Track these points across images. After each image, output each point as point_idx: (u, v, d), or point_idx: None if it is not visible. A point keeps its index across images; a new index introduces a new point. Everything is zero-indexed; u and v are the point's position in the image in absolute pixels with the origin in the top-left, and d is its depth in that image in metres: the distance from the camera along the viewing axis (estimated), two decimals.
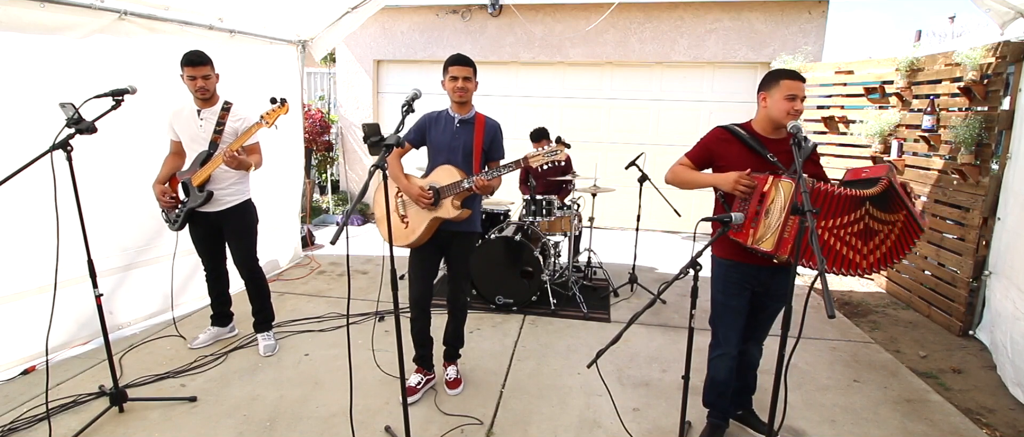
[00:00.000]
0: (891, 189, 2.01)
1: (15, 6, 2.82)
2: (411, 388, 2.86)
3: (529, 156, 2.62)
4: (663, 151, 6.90)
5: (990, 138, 3.74)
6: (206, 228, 3.21)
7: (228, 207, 3.15)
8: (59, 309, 2.67)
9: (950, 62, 4.17)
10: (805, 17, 6.28)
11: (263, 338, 3.38)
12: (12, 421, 2.54)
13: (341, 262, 5.33)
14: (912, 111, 4.65)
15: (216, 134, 3.04)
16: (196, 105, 3.07)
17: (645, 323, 3.89)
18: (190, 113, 3.08)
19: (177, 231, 3.22)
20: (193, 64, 2.93)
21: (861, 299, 4.68)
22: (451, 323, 3.00)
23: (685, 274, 1.93)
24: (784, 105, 2.14)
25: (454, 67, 2.64)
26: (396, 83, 7.61)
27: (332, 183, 8.04)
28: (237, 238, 3.24)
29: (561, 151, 2.61)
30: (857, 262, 2.09)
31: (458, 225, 2.75)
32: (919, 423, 2.76)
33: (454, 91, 2.65)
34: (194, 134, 3.08)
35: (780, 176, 2.07)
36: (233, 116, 3.08)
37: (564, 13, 6.77)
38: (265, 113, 2.96)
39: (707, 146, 2.31)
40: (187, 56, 2.94)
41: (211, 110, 3.07)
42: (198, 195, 3.06)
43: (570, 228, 4.46)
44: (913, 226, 2.05)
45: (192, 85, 2.97)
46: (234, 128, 3.08)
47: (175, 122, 3.13)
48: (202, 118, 3.06)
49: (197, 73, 2.94)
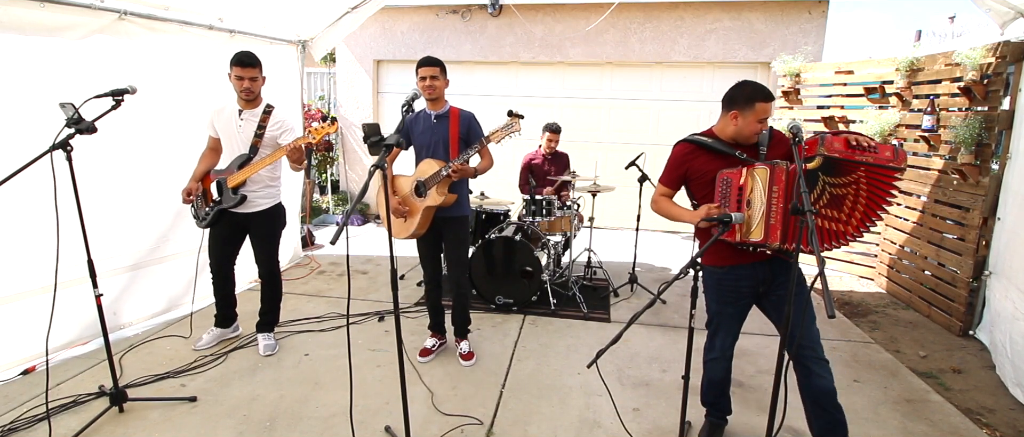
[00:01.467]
0: (831, 159, 1.97)
1: (15, 6, 2.82)
2: (425, 349, 3.34)
3: (489, 134, 2.89)
4: (663, 151, 6.83)
5: (990, 138, 3.74)
6: (231, 229, 3.22)
7: (259, 210, 3.18)
8: (60, 309, 2.66)
9: (950, 62, 4.17)
10: (805, 17, 6.28)
11: (263, 338, 3.38)
12: (12, 421, 2.54)
13: (341, 262, 5.33)
14: (912, 111, 4.65)
15: (256, 138, 3.08)
16: (238, 105, 3.11)
17: (645, 323, 3.89)
18: (231, 112, 3.12)
19: (205, 228, 3.24)
20: (243, 65, 2.99)
21: (861, 299, 4.68)
22: (457, 304, 3.33)
23: (685, 274, 1.93)
24: (755, 126, 2.14)
25: (422, 68, 2.95)
26: (396, 83, 7.61)
27: (332, 183, 8.04)
28: (263, 241, 3.27)
29: (516, 123, 2.86)
30: (842, 231, 2.06)
31: (448, 210, 3.07)
32: (919, 423, 2.76)
33: (424, 89, 2.94)
34: (232, 134, 3.12)
35: (752, 166, 2.06)
36: (273, 120, 3.12)
37: (564, 13, 6.77)
38: (313, 128, 2.95)
39: (676, 166, 2.33)
40: (238, 56, 3.00)
41: (252, 112, 3.11)
42: (232, 197, 3.09)
43: (570, 228, 4.46)
44: (879, 172, 1.98)
45: (239, 85, 3.02)
46: (273, 134, 3.12)
47: (216, 120, 3.17)
48: (242, 119, 3.10)
49: (246, 74, 2.99)
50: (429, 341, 3.38)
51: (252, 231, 3.25)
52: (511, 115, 2.90)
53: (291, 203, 5.12)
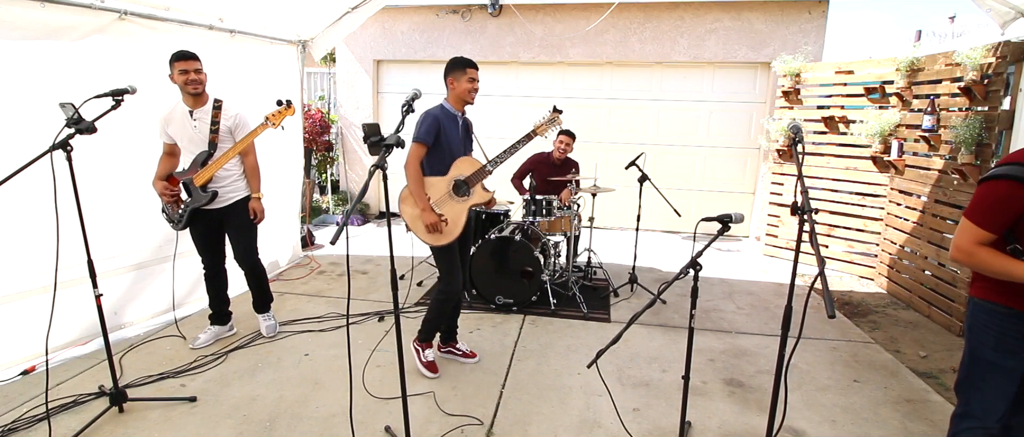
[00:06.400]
0: None
1: (15, 6, 2.82)
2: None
3: (536, 127, 2.98)
4: (663, 151, 6.92)
5: (990, 138, 3.74)
6: (207, 225, 3.24)
7: (230, 203, 3.21)
8: (60, 309, 2.67)
9: (950, 62, 4.17)
10: (805, 17, 6.28)
11: (264, 319, 3.51)
12: (12, 421, 2.54)
13: (341, 262, 5.33)
14: (912, 111, 4.65)
15: (213, 134, 3.08)
16: (187, 105, 3.09)
17: (645, 323, 3.89)
18: (182, 114, 3.10)
19: (180, 231, 3.24)
20: (185, 58, 2.99)
21: (861, 299, 4.68)
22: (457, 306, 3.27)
23: (685, 274, 1.93)
24: None
25: (473, 70, 2.88)
26: (396, 83, 7.61)
27: (332, 183, 8.04)
28: (238, 233, 3.29)
29: (558, 118, 3.00)
30: None
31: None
32: (919, 423, 2.76)
33: (470, 92, 2.88)
34: (190, 135, 3.10)
35: None
36: (225, 114, 3.13)
37: (564, 13, 6.77)
38: (271, 114, 3.03)
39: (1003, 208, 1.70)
40: (177, 53, 2.99)
41: (203, 109, 3.10)
42: (202, 195, 3.10)
43: (570, 228, 4.46)
44: None
45: (184, 79, 2.99)
46: (228, 126, 3.13)
47: (168, 126, 3.14)
48: (195, 118, 3.09)
49: (189, 66, 2.98)
50: (430, 353, 3.16)
51: (228, 224, 3.27)
52: (555, 110, 3.03)
53: (291, 203, 5.13)
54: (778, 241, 5.86)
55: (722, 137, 6.80)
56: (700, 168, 6.94)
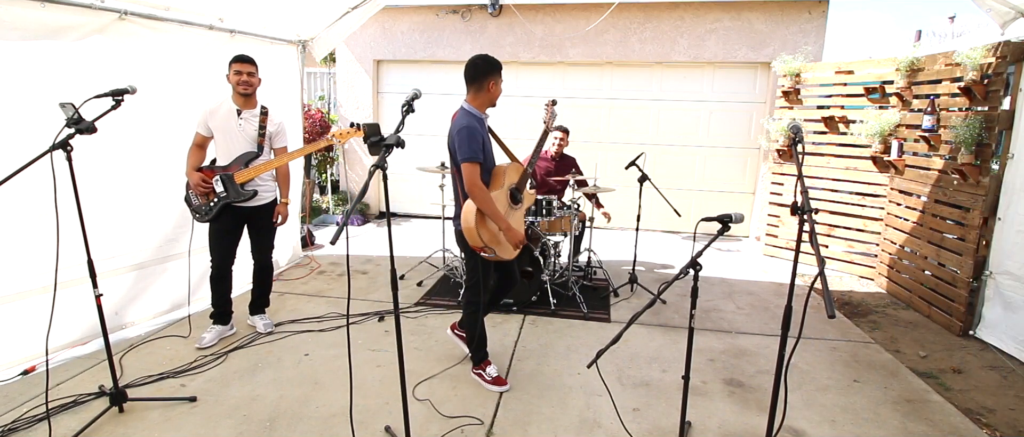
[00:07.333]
0: None
1: (15, 5, 2.82)
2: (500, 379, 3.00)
3: (546, 123, 3.11)
4: (663, 151, 6.91)
5: (990, 138, 3.74)
6: (232, 222, 3.33)
7: (263, 203, 3.37)
8: (60, 309, 2.67)
9: (950, 62, 4.17)
10: (805, 17, 6.28)
11: (260, 318, 3.62)
12: (12, 421, 2.54)
13: (341, 262, 5.33)
14: (912, 111, 4.65)
15: (260, 137, 3.27)
16: (236, 104, 3.25)
17: (645, 323, 3.89)
18: (228, 111, 3.24)
19: (205, 222, 3.31)
20: (243, 61, 3.20)
21: (861, 299, 4.68)
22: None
23: (685, 274, 1.94)
24: None
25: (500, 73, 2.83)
26: (396, 83, 7.60)
27: (332, 183, 8.04)
28: (263, 232, 3.45)
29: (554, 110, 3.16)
30: None
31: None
32: (919, 423, 2.76)
33: (497, 96, 2.83)
34: (232, 132, 3.24)
35: None
36: (271, 121, 3.33)
37: (564, 13, 6.77)
38: (338, 131, 3.17)
39: None
40: (236, 55, 3.22)
41: (251, 112, 3.28)
42: (242, 192, 3.23)
43: (570, 228, 4.46)
44: None
45: (237, 80, 3.18)
46: (271, 132, 3.33)
47: (210, 119, 3.25)
48: (242, 118, 3.24)
49: (244, 68, 3.19)
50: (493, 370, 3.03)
51: (254, 223, 3.41)
52: (551, 103, 3.18)
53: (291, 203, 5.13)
54: (778, 241, 5.86)
55: (722, 137, 6.80)
56: (700, 168, 6.94)
